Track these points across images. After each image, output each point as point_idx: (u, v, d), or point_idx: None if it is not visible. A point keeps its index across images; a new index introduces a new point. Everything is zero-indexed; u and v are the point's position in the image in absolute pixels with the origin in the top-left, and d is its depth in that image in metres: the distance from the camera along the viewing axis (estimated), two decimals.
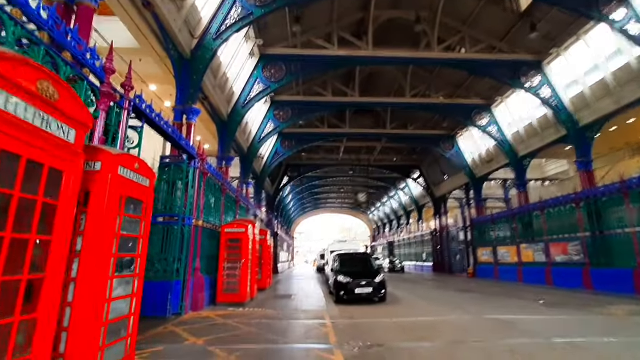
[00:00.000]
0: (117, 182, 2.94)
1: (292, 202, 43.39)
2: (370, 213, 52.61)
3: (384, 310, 8.66)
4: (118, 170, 2.96)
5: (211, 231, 9.77)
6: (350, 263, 11.31)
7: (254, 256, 10.39)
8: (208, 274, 9.31)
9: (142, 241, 3.45)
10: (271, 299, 10.74)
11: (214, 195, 10.33)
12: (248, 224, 9.69)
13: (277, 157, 23.05)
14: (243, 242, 9.30)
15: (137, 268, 3.39)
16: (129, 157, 3.27)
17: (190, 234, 8.08)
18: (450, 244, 26.73)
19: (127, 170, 3.11)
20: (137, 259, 3.40)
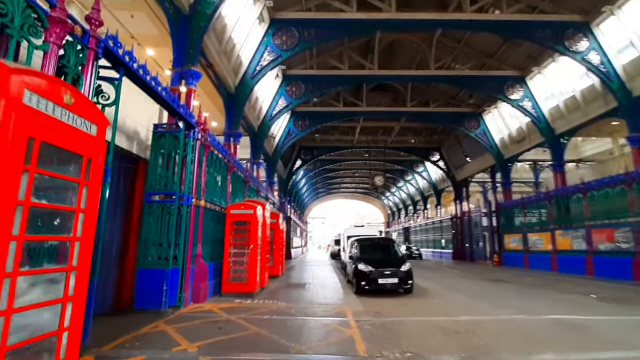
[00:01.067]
0: (20, 116, 1.73)
1: (305, 187, 42.30)
2: (385, 198, 51.12)
3: (413, 305, 7.46)
4: (23, 96, 1.76)
5: (216, 213, 8.67)
6: (371, 249, 10.11)
7: (265, 241, 9.29)
8: (212, 260, 8.26)
9: (84, 217, 2.27)
10: (283, 289, 9.68)
11: (219, 173, 9.19)
12: (257, 204, 8.55)
13: (290, 138, 21.77)
14: (251, 225, 8.18)
15: (72, 258, 2.21)
16: (50, 80, 2.05)
17: (189, 215, 6.97)
18: (472, 230, 25.23)
19: (45, 102, 1.90)
20: (73, 244, 2.22)
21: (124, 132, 6.54)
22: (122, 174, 6.62)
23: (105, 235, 6.16)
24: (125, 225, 6.77)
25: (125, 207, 6.78)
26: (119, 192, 6.49)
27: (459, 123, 21.61)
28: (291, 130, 21.73)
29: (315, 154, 29.07)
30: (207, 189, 8.14)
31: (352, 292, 9.12)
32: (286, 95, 17.31)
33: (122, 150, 6.52)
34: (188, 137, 7.14)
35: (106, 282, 6.16)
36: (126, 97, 6.89)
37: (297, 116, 21.52)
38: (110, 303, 6.28)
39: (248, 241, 8.12)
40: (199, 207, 7.47)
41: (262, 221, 8.98)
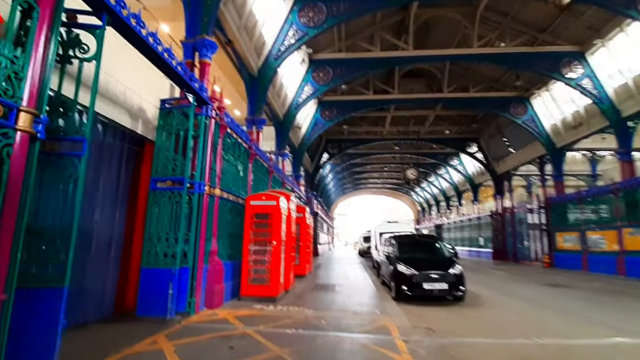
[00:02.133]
0: None
1: (331, 182, 41.12)
2: (415, 194, 48.91)
3: (471, 318, 6.07)
4: None
5: (234, 205, 7.64)
6: (412, 248, 8.76)
7: (290, 237, 8.18)
8: (230, 259, 7.25)
9: None
10: (311, 291, 8.53)
11: (238, 161, 8.16)
12: (281, 195, 7.43)
13: (317, 129, 20.60)
14: (274, 219, 7.07)
15: None
16: None
17: (201, 205, 5.95)
18: (515, 228, 23.03)
19: None
20: None
21: (126, 107, 5.59)
22: (125, 158, 5.68)
23: (103, 229, 5.25)
24: (129, 217, 5.84)
25: (129, 196, 5.85)
26: (120, 178, 5.55)
27: (503, 109, 19.54)
28: (318, 121, 20.56)
29: (342, 147, 27.78)
30: (224, 177, 7.12)
31: (389, 298, 7.83)
32: (313, 81, 16.13)
33: (124, 128, 5.57)
34: (200, 114, 6.11)
35: (105, 282, 5.24)
36: (130, 67, 5.97)
37: (324, 106, 20.32)
38: (110, 307, 5.37)
39: (270, 237, 7.02)
40: (214, 196, 6.44)
41: (286, 214, 7.87)
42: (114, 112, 5.32)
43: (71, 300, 4.66)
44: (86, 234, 4.87)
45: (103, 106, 5.10)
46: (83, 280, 4.81)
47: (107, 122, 5.24)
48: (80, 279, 4.76)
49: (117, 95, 5.38)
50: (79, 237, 4.69)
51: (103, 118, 5.14)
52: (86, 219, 4.89)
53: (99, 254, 5.10)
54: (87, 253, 4.90)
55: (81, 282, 4.78)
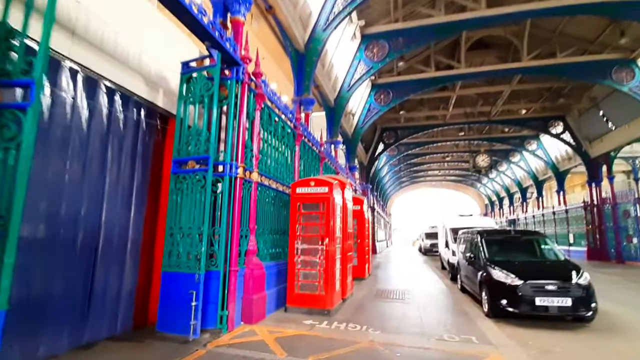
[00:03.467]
0: None
1: (387, 175, 38.72)
2: (482, 186, 44.32)
3: (625, 356, 4.00)
4: None
5: (279, 194, 6.32)
6: (507, 248, 6.70)
7: (346, 233, 6.65)
8: (274, 259, 5.93)
9: None
10: (373, 301, 6.90)
11: (283, 142, 6.81)
12: (334, 180, 5.92)
13: (371, 115, 18.75)
14: (327, 209, 5.58)
15: None
16: None
17: (234, 192, 4.67)
18: (618, 222, 18.95)
19: None
20: None
21: (142, 73, 4.50)
22: (144, 136, 4.60)
23: (116, 225, 4.19)
24: (151, 210, 4.76)
25: (151, 183, 4.77)
26: (136, 161, 4.47)
27: (602, 76, 15.87)
28: (372, 106, 18.71)
29: (399, 136, 25.49)
30: (264, 161, 5.81)
31: (481, 314, 5.92)
32: (366, 59, 14.36)
33: (139, 99, 4.49)
34: (229, 78, 4.83)
35: (119, 291, 4.19)
36: (148, 27, 4.90)
37: (379, 89, 18.40)
38: (127, 321, 4.31)
39: (322, 232, 5.55)
40: (250, 181, 5.14)
41: (341, 205, 6.34)
42: (124, 77, 4.24)
43: (71, 314, 3.68)
44: (90, 233, 3.83)
45: (109, 68, 4.03)
46: (85, 290, 3.77)
47: (117, 90, 4.16)
48: (81, 288, 3.72)
49: (129, 57, 4.29)
50: (82, 237, 3.69)
51: (110, 83, 4.07)
52: (91, 212, 3.84)
53: (110, 256, 4.05)
54: (92, 256, 3.86)
55: (83, 292, 3.75)
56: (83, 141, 3.77)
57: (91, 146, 3.85)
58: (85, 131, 3.79)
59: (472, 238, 7.73)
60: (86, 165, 3.80)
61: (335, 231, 5.66)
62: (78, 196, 3.70)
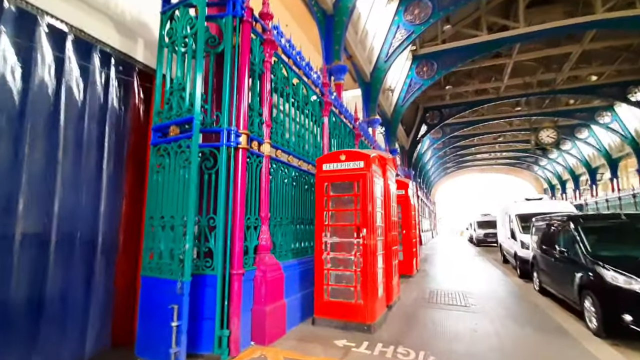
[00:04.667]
0: None
1: (431, 161, 36.05)
2: (540, 168, 39.93)
3: None
4: None
5: (302, 173, 5.01)
6: (616, 239, 4.87)
7: (389, 222, 5.21)
8: (296, 256, 4.65)
9: None
10: (427, 311, 5.38)
11: (307, 112, 5.47)
12: (371, 153, 4.46)
13: (412, 91, 16.81)
14: (363, 190, 4.17)
15: None
16: None
17: (233, 167, 3.44)
18: None
19: None
20: None
21: (110, 14, 3.38)
22: (113, 98, 3.49)
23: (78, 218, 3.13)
24: (133, 196, 3.68)
25: (129, 160, 3.69)
26: (105, 131, 3.37)
27: None
28: (413, 80, 16.76)
29: (444, 116, 23.11)
30: (280, 131, 4.51)
31: (582, 328, 4.24)
32: (406, 22, 12.52)
33: (110, 49, 3.38)
34: (223, 15, 3.57)
35: (87, 299, 3.15)
36: None
37: (421, 60, 16.40)
38: (103, 339, 3.27)
39: (358, 221, 4.17)
40: (259, 155, 3.87)
41: (382, 185, 4.91)
42: (83, 17, 3.14)
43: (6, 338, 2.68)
44: (37, 226, 2.80)
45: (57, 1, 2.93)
46: (31, 304, 2.75)
47: (70, 33, 3.06)
48: (23, 302, 2.70)
49: None
50: (23, 233, 2.69)
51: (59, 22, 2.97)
52: (37, 200, 2.80)
53: (69, 257, 3.01)
54: (41, 258, 2.83)
55: (27, 308, 2.72)
56: (17, 105, 2.71)
57: (32, 112, 2.78)
58: (21, 90, 2.73)
59: (555, 226, 5.92)
60: (24, 138, 2.74)
61: (375, 219, 4.24)
62: (13, 179, 2.66)
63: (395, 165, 6.08)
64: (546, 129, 18.51)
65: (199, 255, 3.31)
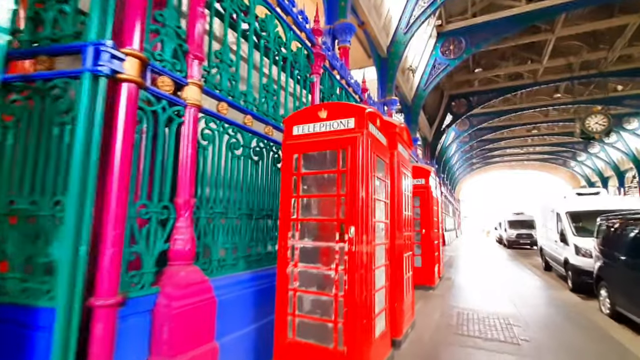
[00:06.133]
0: None
1: (455, 155, 33.58)
2: (577, 164, 36.45)
3: None
4: None
5: (266, 143, 3.42)
6: None
7: (398, 217, 3.56)
8: (254, 267, 3.07)
9: None
10: (453, 355, 3.71)
11: (283, 62, 3.88)
12: (369, 111, 2.83)
13: (437, 73, 14.85)
14: (351, 161, 2.54)
15: None
16: None
17: (103, 109, 1.91)
18: None
19: None
20: None
21: None
22: None
23: None
24: None
25: None
26: None
27: None
28: (438, 60, 14.81)
29: (472, 104, 20.91)
30: (225, 75, 2.94)
31: None
32: None
33: None
34: None
35: None
36: None
37: (447, 37, 14.44)
38: None
39: (343, 215, 2.55)
40: (174, 103, 2.33)
41: (389, 161, 3.28)
42: None
43: None
44: None
45: None
46: None
47: None
48: None
49: None
50: None
51: None
52: None
53: None
54: None
55: None
56: None
57: None
58: None
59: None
60: None
61: (371, 211, 2.62)
62: None
63: (410, 140, 4.39)
64: (595, 115, 16.02)
65: (30, 270, 1.82)
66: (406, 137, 4.10)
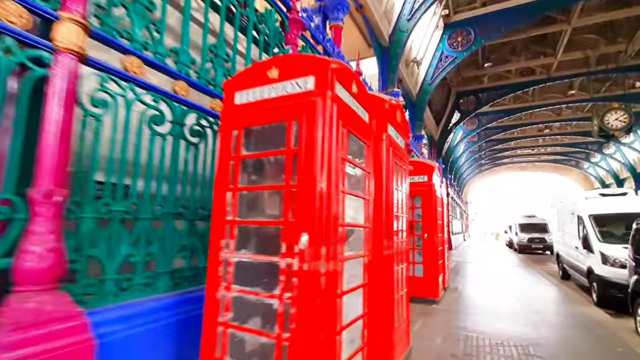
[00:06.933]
0: None
1: (463, 155, 32.46)
2: (591, 165, 35.00)
3: None
4: None
5: (206, 116, 2.61)
6: None
7: (387, 217, 2.72)
8: (184, 285, 2.25)
9: None
10: None
11: (243, 21, 3.09)
12: (338, 70, 2.02)
13: (443, 66, 13.96)
14: (306, 135, 1.72)
15: None
16: None
17: None
18: None
19: None
20: None
21: None
22: None
23: None
24: None
25: None
26: None
27: None
28: (445, 53, 13.93)
29: (481, 101, 19.95)
30: (138, 22, 2.14)
31: None
32: None
33: None
34: None
35: None
36: None
37: (455, 28, 13.56)
38: None
39: (292, 214, 1.72)
40: (34, 44, 1.54)
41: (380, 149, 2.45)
42: None
43: None
44: None
45: None
46: None
47: None
48: None
49: None
50: None
51: None
52: None
53: None
54: None
55: None
56: None
57: None
58: None
59: None
60: None
61: (338, 212, 1.80)
62: None
63: (405, 124, 3.54)
64: (614, 111, 14.91)
65: None
66: (400, 118, 3.26)
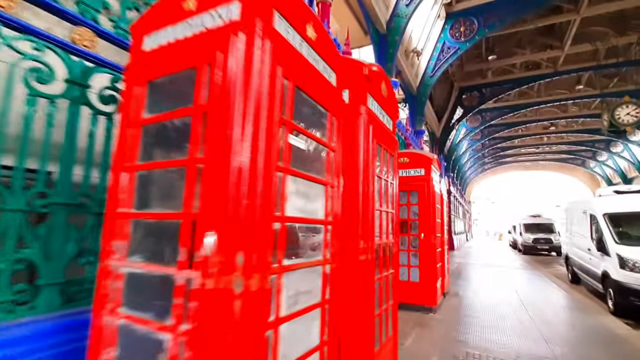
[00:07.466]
0: None
1: (466, 154, 31.73)
2: (598, 164, 34.16)
3: None
4: None
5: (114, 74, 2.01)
6: None
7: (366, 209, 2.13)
8: (79, 304, 1.68)
9: None
10: None
11: None
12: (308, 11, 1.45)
13: (445, 58, 13.32)
14: (223, 86, 1.13)
15: None
16: None
17: None
18: None
19: None
20: None
21: None
22: None
23: None
24: None
25: None
26: None
27: None
28: (447, 44, 13.29)
29: (484, 96, 19.26)
30: None
31: None
32: None
33: None
34: None
35: None
36: None
37: (457, 18, 12.92)
38: None
39: (205, 204, 1.12)
40: None
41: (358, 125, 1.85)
42: None
43: None
44: None
45: None
46: None
47: None
48: None
49: None
50: None
51: None
52: None
53: None
54: None
55: None
56: None
57: None
58: None
59: None
60: None
61: (270, 198, 1.23)
62: None
63: (392, 99, 2.93)
64: (625, 106, 14.19)
65: None
66: (386, 92, 2.65)
